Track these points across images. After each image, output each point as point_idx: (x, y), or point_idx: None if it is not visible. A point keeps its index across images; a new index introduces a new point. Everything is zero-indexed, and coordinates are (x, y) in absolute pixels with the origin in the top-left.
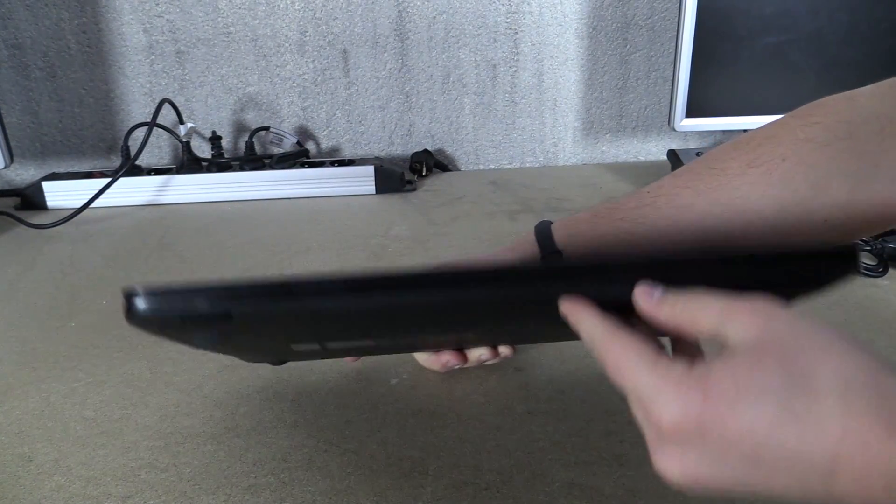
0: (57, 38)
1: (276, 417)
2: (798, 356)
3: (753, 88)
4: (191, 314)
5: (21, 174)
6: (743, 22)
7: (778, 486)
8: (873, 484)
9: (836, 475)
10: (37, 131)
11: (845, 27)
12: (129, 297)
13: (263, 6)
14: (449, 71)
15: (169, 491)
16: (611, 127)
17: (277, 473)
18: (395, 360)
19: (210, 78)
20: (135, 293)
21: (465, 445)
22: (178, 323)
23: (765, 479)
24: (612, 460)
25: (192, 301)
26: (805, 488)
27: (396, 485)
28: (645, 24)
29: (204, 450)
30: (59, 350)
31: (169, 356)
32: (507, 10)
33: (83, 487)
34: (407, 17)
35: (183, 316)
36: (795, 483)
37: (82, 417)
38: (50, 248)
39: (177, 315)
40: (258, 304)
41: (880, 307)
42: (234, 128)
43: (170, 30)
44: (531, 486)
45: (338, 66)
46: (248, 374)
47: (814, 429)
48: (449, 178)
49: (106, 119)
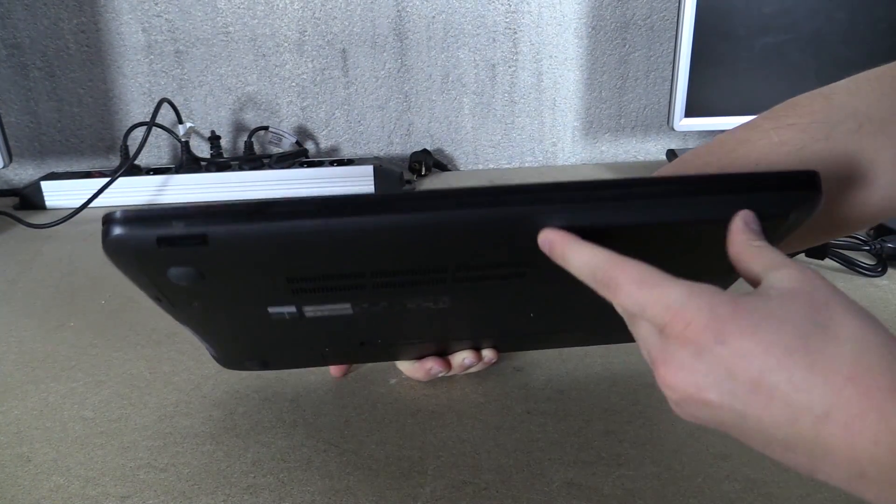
0: (56, 37)
1: (275, 417)
2: (827, 308)
3: (753, 88)
4: (167, 236)
5: (20, 174)
6: (742, 22)
7: (769, 419)
8: (863, 432)
9: (829, 417)
10: (35, 131)
11: (845, 27)
12: (107, 221)
13: (262, 6)
14: (448, 71)
15: (168, 491)
16: (610, 126)
17: (276, 473)
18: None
19: (209, 77)
20: (113, 217)
21: (465, 445)
22: (153, 249)
23: (760, 408)
24: (611, 460)
25: (168, 223)
26: (794, 427)
27: (395, 485)
28: (644, 23)
29: (203, 450)
30: (57, 350)
31: (168, 356)
32: (506, 9)
33: (82, 487)
34: (406, 17)
35: (160, 238)
36: (786, 419)
37: (81, 417)
38: (49, 247)
39: (153, 238)
40: (233, 226)
41: (880, 307)
42: (233, 127)
43: (169, 29)
44: (530, 486)
45: (337, 65)
46: (247, 374)
47: (822, 367)
48: (448, 177)
49: (105, 119)
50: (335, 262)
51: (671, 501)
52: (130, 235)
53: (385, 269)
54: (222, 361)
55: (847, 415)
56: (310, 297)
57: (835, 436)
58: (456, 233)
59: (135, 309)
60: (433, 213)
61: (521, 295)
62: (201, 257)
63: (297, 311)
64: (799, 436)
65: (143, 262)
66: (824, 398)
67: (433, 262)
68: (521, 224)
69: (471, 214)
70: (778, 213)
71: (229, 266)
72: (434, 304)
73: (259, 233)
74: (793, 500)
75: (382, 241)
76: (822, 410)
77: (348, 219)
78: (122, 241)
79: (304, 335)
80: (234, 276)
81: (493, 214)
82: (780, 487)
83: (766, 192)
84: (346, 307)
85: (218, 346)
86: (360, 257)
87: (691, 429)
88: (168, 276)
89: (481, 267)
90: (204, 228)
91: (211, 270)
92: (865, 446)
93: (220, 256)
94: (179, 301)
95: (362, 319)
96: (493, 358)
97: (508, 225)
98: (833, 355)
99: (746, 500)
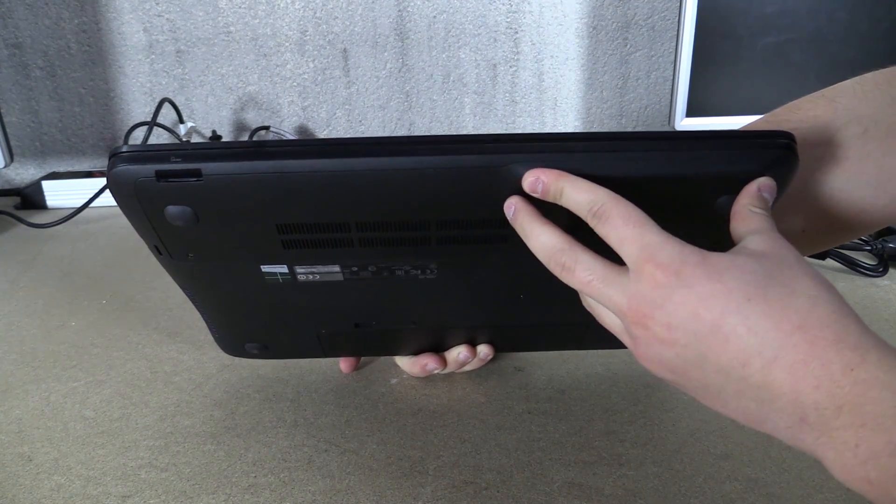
0: (57, 37)
1: (275, 417)
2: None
3: (754, 88)
4: (165, 170)
5: (21, 173)
6: (743, 22)
7: (725, 361)
8: (806, 377)
9: (777, 360)
10: (37, 131)
11: (845, 27)
12: (113, 156)
13: (264, 5)
14: (449, 70)
15: (169, 490)
16: (611, 126)
17: (277, 473)
18: (394, 360)
19: (210, 77)
20: (120, 151)
21: (465, 445)
22: (152, 183)
23: (718, 349)
24: (611, 460)
25: (167, 158)
26: (745, 370)
27: (396, 484)
28: (645, 23)
29: (204, 449)
30: (58, 349)
31: (169, 356)
32: (507, 9)
33: (83, 487)
34: (407, 17)
35: (158, 172)
36: (739, 361)
37: (82, 417)
38: (50, 247)
39: (152, 171)
40: (226, 162)
41: (880, 307)
42: (235, 127)
43: (170, 29)
44: (531, 486)
45: (338, 65)
46: (248, 373)
47: (776, 315)
48: None
49: (106, 118)
50: (321, 209)
51: (672, 501)
52: (133, 169)
53: (369, 221)
54: (224, 345)
55: (793, 359)
56: (300, 255)
57: (780, 380)
58: (438, 178)
59: (136, 309)
60: (417, 158)
61: (507, 268)
62: (196, 194)
63: (288, 273)
64: (749, 379)
65: (142, 197)
66: (774, 343)
67: (415, 214)
68: (503, 171)
69: (454, 160)
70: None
71: (222, 206)
72: (422, 274)
73: (249, 170)
74: (794, 501)
75: (365, 185)
76: (771, 354)
77: (335, 160)
78: (124, 175)
79: (298, 309)
80: (227, 221)
81: (474, 161)
82: (781, 488)
83: (744, 149)
84: (335, 270)
85: (219, 322)
86: (344, 203)
87: (692, 429)
88: (165, 216)
89: (463, 225)
90: (199, 164)
91: (205, 211)
92: (807, 390)
93: (213, 194)
94: (176, 250)
95: (353, 291)
96: (489, 354)
97: (490, 172)
98: (787, 305)
99: (747, 500)
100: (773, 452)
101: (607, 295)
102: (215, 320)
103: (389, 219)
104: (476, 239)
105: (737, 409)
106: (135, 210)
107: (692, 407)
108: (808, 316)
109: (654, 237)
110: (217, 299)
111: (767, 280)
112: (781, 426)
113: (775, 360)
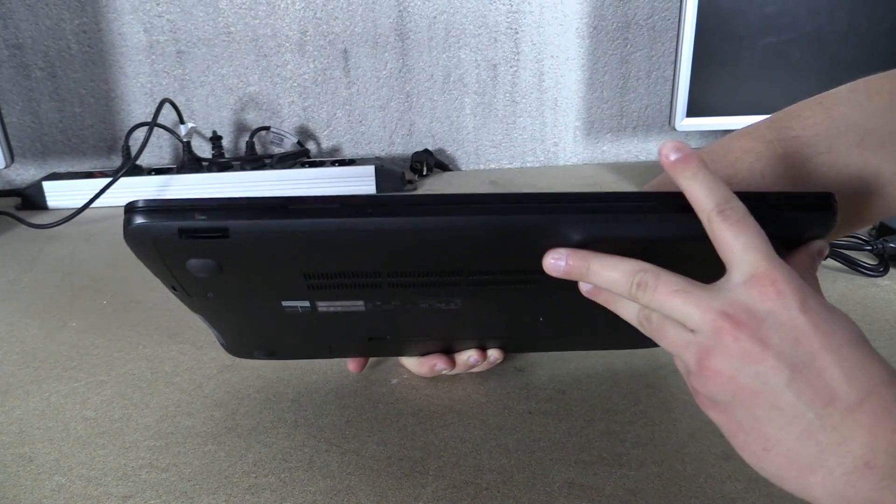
0: (57, 37)
1: (276, 417)
2: None
3: (754, 88)
4: (189, 228)
5: (22, 174)
6: (743, 22)
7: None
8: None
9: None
10: (37, 131)
11: (845, 27)
12: (129, 210)
13: (264, 6)
14: (449, 70)
15: (169, 491)
16: (611, 126)
17: (278, 473)
18: (395, 360)
19: (210, 78)
20: (136, 206)
21: (466, 445)
22: (174, 240)
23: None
24: (612, 460)
25: (191, 214)
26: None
27: (397, 485)
28: (646, 23)
29: (204, 450)
30: (59, 350)
31: (170, 356)
32: (507, 9)
33: (84, 487)
34: (407, 17)
35: (181, 230)
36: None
37: (83, 417)
38: (50, 248)
39: (174, 229)
40: (255, 221)
41: (880, 307)
42: (235, 127)
43: (170, 29)
44: (531, 486)
45: (338, 65)
46: (248, 374)
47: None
48: (450, 177)
49: (106, 119)
50: (353, 261)
51: (673, 502)
52: (152, 226)
53: (402, 271)
54: (230, 350)
55: (878, 406)
56: (324, 294)
57: (861, 422)
58: (475, 237)
59: (136, 309)
60: (454, 217)
61: (532, 301)
62: (221, 250)
63: (310, 306)
64: (827, 419)
65: (163, 252)
66: (864, 389)
67: (450, 265)
68: (541, 232)
69: (492, 220)
70: (794, 232)
71: (248, 260)
72: (446, 306)
73: (280, 229)
74: (794, 501)
75: (402, 243)
76: (857, 399)
77: (370, 219)
78: (143, 231)
79: (314, 329)
80: (252, 270)
81: (514, 222)
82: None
83: (784, 211)
84: (358, 304)
85: (228, 335)
86: (379, 258)
87: (693, 429)
88: (187, 268)
89: (496, 272)
90: (226, 222)
91: (230, 263)
92: (885, 434)
93: (239, 250)
94: (196, 291)
95: (373, 316)
96: (499, 358)
97: (528, 233)
98: (877, 361)
99: (748, 500)
100: None
101: (694, 302)
102: (224, 334)
103: (423, 269)
104: (507, 282)
105: (789, 451)
106: (153, 262)
107: (692, 407)
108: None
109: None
110: (231, 324)
111: (860, 335)
112: (838, 472)
113: (860, 405)
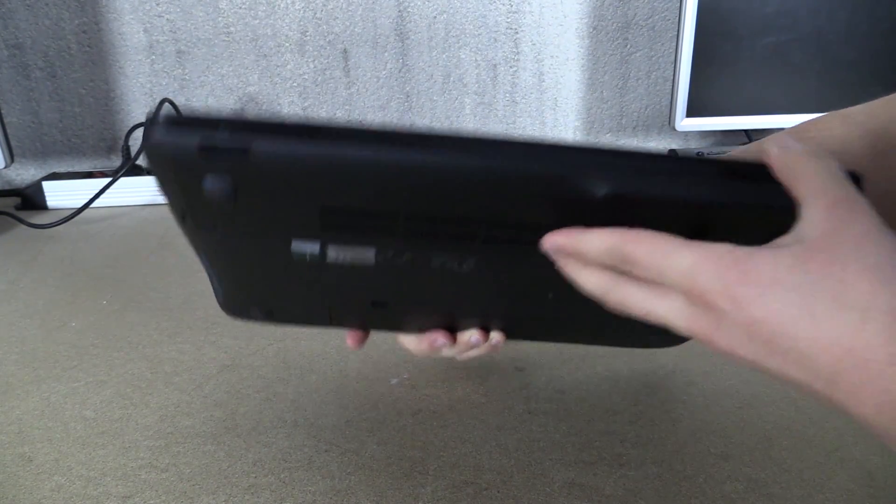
0: (57, 37)
1: (276, 417)
2: (844, 266)
3: (754, 88)
4: (210, 143)
5: (21, 174)
6: (743, 22)
7: (791, 376)
8: (865, 401)
9: (837, 384)
10: (37, 131)
11: (845, 27)
12: (151, 121)
13: (264, 6)
14: (449, 71)
15: (169, 491)
16: (611, 127)
17: (277, 473)
18: (395, 360)
19: (210, 78)
20: (157, 119)
21: (466, 445)
22: (192, 157)
23: (779, 366)
24: (612, 460)
25: (213, 129)
26: (812, 387)
27: (396, 485)
28: (646, 23)
29: (204, 450)
30: (59, 350)
31: (169, 356)
32: (507, 9)
33: (83, 487)
34: (407, 17)
35: (202, 145)
36: (804, 379)
37: (82, 417)
38: (50, 247)
39: (193, 144)
40: (280, 142)
41: None
42: None
43: (170, 29)
44: (531, 486)
45: (338, 65)
46: (248, 373)
47: (826, 336)
48: None
49: (106, 119)
50: (374, 197)
51: (673, 502)
52: (172, 141)
53: (421, 213)
54: (226, 305)
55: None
56: (337, 236)
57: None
58: (505, 180)
59: (136, 309)
60: (487, 158)
61: (544, 271)
62: (240, 170)
63: (319, 252)
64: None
65: (179, 168)
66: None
67: (470, 212)
68: (568, 182)
69: (519, 165)
70: None
71: (266, 186)
72: (458, 267)
73: (304, 153)
74: (794, 501)
75: (428, 179)
76: (828, 376)
77: (399, 150)
78: (165, 144)
79: (318, 285)
80: (269, 199)
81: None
82: (781, 488)
83: None
84: (369, 254)
85: (227, 283)
86: (402, 195)
87: (693, 429)
88: (203, 186)
89: (515, 227)
90: (248, 141)
91: (246, 188)
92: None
93: (259, 173)
94: (205, 222)
95: (382, 274)
96: (500, 342)
97: (555, 181)
98: (835, 326)
99: (748, 500)
100: (773, 453)
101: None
102: (224, 282)
103: (442, 213)
104: (523, 240)
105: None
106: (168, 179)
107: (692, 407)
108: (859, 334)
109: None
110: (233, 268)
111: (813, 293)
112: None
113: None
